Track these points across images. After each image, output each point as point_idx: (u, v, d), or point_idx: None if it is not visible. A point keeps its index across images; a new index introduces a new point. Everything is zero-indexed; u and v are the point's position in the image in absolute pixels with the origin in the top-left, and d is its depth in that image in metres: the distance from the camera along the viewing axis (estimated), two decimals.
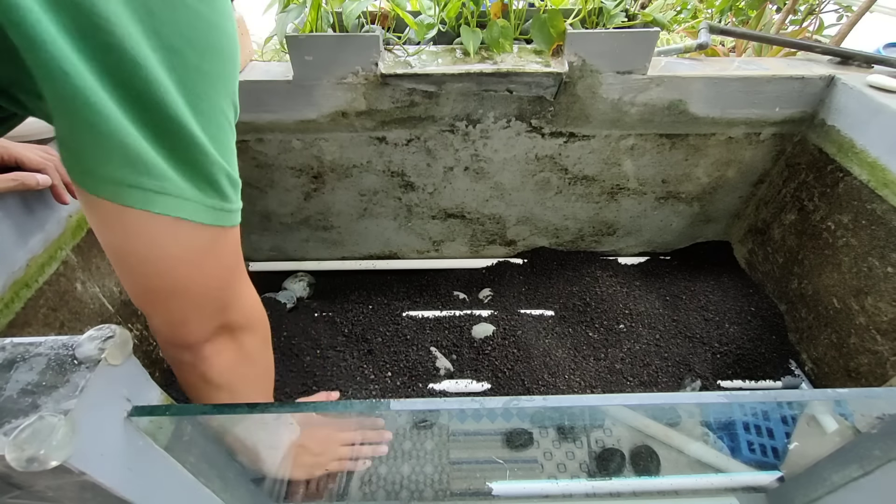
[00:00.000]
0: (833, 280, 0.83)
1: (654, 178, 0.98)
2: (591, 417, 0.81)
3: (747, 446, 0.76)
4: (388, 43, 0.82)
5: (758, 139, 0.90)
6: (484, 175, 0.97)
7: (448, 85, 0.81)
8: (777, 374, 0.88)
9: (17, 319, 0.58)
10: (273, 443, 0.63)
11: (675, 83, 0.82)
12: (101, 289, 0.73)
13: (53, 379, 0.35)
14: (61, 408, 0.34)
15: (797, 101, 0.85)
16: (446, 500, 0.73)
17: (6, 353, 0.37)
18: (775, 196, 0.97)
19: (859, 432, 0.56)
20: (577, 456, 0.78)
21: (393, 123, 0.87)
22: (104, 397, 0.38)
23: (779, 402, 0.50)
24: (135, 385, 0.42)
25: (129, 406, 0.41)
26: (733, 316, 0.95)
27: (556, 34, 0.79)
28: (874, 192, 0.74)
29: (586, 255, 1.11)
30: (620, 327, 0.93)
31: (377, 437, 0.73)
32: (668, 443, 0.77)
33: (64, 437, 0.32)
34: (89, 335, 0.38)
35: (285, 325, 0.94)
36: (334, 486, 0.74)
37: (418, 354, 0.89)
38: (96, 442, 0.37)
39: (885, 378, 0.74)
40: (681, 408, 0.70)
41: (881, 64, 0.85)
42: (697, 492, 0.74)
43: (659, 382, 0.84)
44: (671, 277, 1.05)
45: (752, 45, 1.15)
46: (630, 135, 0.90)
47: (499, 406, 0.44)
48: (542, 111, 0.86)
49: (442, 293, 1.03)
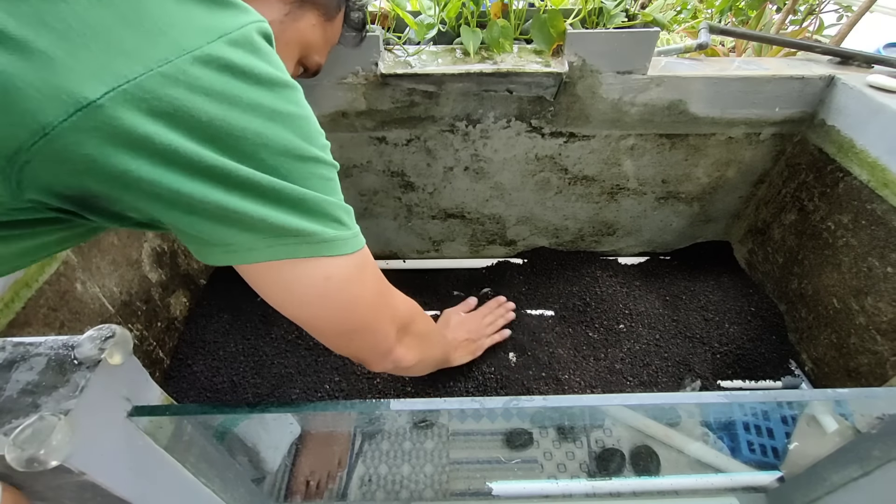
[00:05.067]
0: (833, 280, 0.83)
1: (654, 178, 0.98)
2: (591, 417, 0.81)
3: (747, 446, 0.76)
4: (388, 43, 0.82)
5: (758, 139, 0.90)
6: (484, 175, 0.97)
7: (448, 85, 0.81)
8: (777, 374, 0.88)
9: (17, 319, 0.58)
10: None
11: (675, 83, 0.82)
12: (101, 289, 0.73)
13: (53, 379, 0.35)
14: (61, 408, 0.34)
15: (797, 101, 0.85)
16: (446, 500, 0.73)
17: (6, 353, 0.37)
18: (775, 196, 0.97)
19: (859, 432, 0.56)
20: (577, 456, 0.78)
21: (393, 123, 0.87)
22: (104, 397, 0.38)
23: (779, 402, 0.51)
24: (135, 385, 0.42)
25: (129, 406, 0.41)
26: (733, 316, 0.95)
27: (556, 34, 0.79)
28: (874, 192, 0.74)
29: (586, 255, 1.11)
30: (620, 327, 0.93)
31: (505, 310, 0.92)
32: (668, 443, 0.77)
33: (64, 437, 0.32)
34: (89, 335, 0.38)
35: (284, 323, 0.94)
36: (334, 486, 0.74)
37: None
38: (96, 442, 0.37)
39: (885, 378, 0.74)
40: (681, 408, 0.70)
41: (881, 64, 0.85)
42: (697, 492, 0.74)
43: (659, 382, 0.84)
44: (671, 277, 1.05)
45: (752, 45, 1.15)
46: (630, 135, 0.90)
47: (499, 406, 0.44)
48: (542, 111, 0.86)
49: (442, 293, 1.03)
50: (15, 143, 0.26)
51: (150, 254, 0.87)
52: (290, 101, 0.32)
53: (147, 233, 0.86)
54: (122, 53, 0.26)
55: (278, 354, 0.89)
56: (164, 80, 0.26)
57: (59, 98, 0.25)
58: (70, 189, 0.28)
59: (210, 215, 0.30)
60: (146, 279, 0.85)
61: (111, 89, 0.25)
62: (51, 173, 0.27)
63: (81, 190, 0.28)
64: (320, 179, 0.35)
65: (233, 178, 0.29)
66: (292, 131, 0.32)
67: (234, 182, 0.29)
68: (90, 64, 0.26)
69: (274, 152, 0.31)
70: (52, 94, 0.25)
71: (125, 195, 0.28)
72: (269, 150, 0.30)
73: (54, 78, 0.25)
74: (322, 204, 0.35)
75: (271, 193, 0.31)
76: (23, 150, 0.26)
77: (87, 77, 0.25)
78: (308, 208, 0.33)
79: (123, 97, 0.26)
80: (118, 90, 0.26)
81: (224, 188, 0.29)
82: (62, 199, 0.29)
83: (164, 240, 0.91)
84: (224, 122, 0.28)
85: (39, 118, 0.25)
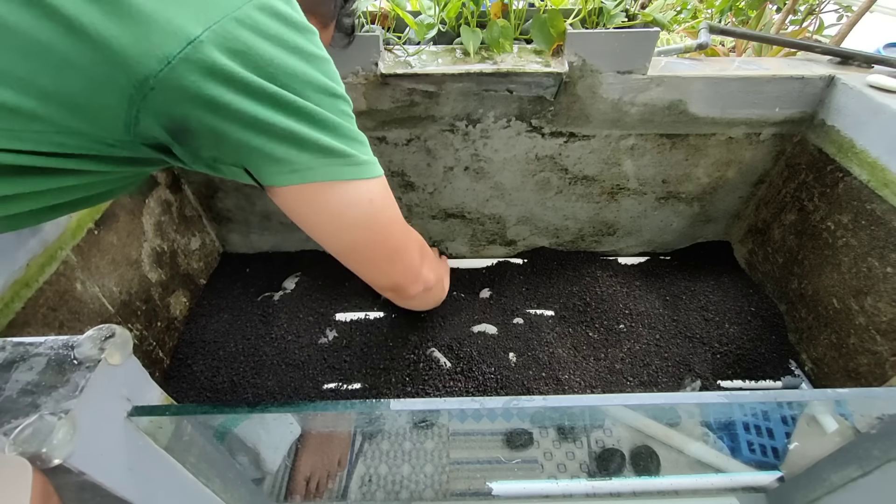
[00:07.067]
0: (833, 280, 0.83)
1: (655, 178, 0.98)
2: (591, 417, 0.81)
3: (747, 446, 0.76)
4: (388, 43, 0.82)
5: (758, 139, 0.90)
6: (484, 175, 0.97)
7: (448, 85, 0.81)
8: (777, 374, 0.88)
9: (17, 319, 0.58)
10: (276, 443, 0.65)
11: (675, 83, 0.82)
12: (101, 289, 0.73)
13: (53, 379, 0.35)
14: (61, 407, 0.34)
15: (797, 101, 0.85)
16: (446, 500, 0.73)
17: (6, 353, 0.37)
18: (775, 196, 0.97)
19: (859, 432, 0.56)
20: (577, 456, 0.78)
21: (393, 123, 0.87)
22: (104, 397, 0.38)
23: (779, 402, 0.51)
24: (135, 385, 0.42)
25: (129, 406, 0.41)
26: (733, 316, 0.95)
27: (556, 34, 0.79)
28: (874, 192, 0.74)
29: (586, 255, 1.11)
30: (620, 327, 0.93)
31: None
32: (668, 443, 0.78)
33: (64, 436, 0.32)
34: (89, 335, 0.38)
35: (284, 323, 0.94)
36: (334, 485, 0.74)
37: (418, 354, 0.89)
38: (96, 442, 0.37)
39: (884, 378, 0.74)
40: (681, 408, 0.70)
41: (881, 64, 0.85)
42: (697, 492, 0.74)
43: (659, 382, 0.84)
44: (671, 277, 1.05)
45: (752, 45, 1.15)
46: (630, 135, 0.90)
47: (499, 406, 0.44)
48: (542, 111, 0.86)
49: None
50: (145, 70, 0.30)
51: (150, 254, 0.87)
52: (318, 46, 0.38)
53: (147, 233, 0.85)
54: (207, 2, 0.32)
55: (278, 354, 0.89)
56: (236, 23, 0.32)
57: (176, 34, 0.30)
58: (172, 120, 0.33)
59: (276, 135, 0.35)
60: (146, 279, 0.85)
61: (205, 29, 0.31)
62: (165, 101, 0.32)
63: (182, 119, 0.33)
64: (346, 115, 0.41)
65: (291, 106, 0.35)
66: (323, 72, 0.38)
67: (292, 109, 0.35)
68: (189, 9, 0.31)
69: (314, 89, 0.37)
70: (172, 29, 0.30)
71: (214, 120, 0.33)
72: (312, 87, 0.36)
73: (173, 17, 0.31)
74: (353, 133, 0.41)
75: (319, 121, 0.37)
76: (150, 77, 0.30)
77: (190, 18, 0.31)
78: (344, 135, 0.39)
79: (211, 36, 0.31)
80: (209, 30, 0.31)
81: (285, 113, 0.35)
82: (163, 131, 0.34)
83: (163, 240, 0.91)
84: (280, 61, 0.34)
85: (165, 49, 0.30)
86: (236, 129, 0.34)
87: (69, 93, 0.31)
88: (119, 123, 0.33)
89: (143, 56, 0.30)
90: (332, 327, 0.95)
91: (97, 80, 0.30)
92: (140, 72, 0.30)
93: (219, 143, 0.35)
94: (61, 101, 0.31)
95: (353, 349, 0.91)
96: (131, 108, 0.32)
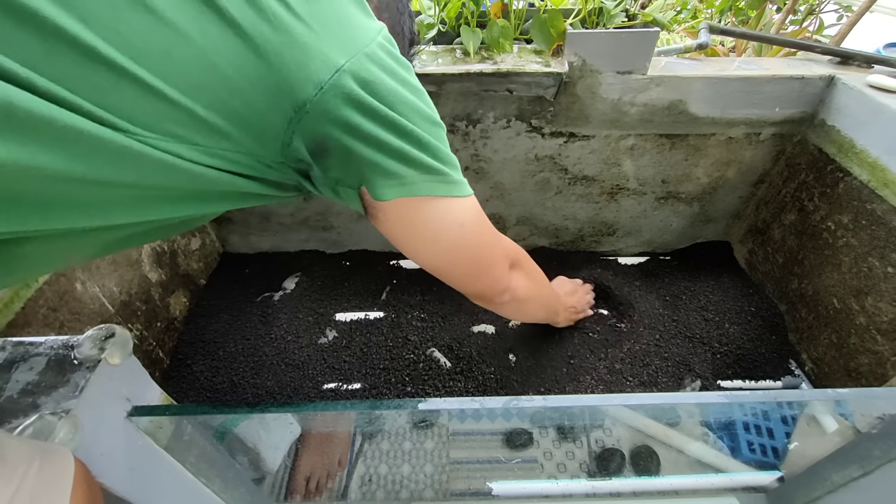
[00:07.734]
0: (833, 280, 0.83)
1: (654, 179, 0.98)
2: (591, 417, 0.81)
3: (747, 446, 0.76)
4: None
5: (758, 139, 0.90)
6: (484, 175, 0.97)
7: (448, 85, 0.81)
8: (777, 374, 0.88)
9: (17, 319, 0.58)
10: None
11: (675, 83, 0.82)
12: (101, 289, 0.73)
13: (54, 379, 0.35)
14: (62, 407, 0.34)
15: (797, 101, 0.85)
16: (446, 500, 0.73)
17: (6, 353, 0.37)
18: (775, 196, 0.97)
19: (859, 432, 0.56)
20: (577, 456, 0.78)
21: None
22: (104, 397, 0.38)
23: (779, 402, 0.51)
24: (135, 385, 0.42)
25: (129, 406, 0.41)
26: (733, 316, 0.95)
27: (556, 34, 0.79)
28: (874, 192, 0.74)
29: (586, 255, 1.11)
30: (620, 327, 0.93)
31: (587, 290, 0.99)
32: (668, 443, 0.77)
33: (64, 436, 0.32)
34: (89, 335, 0.38)
35: (284, 323, 0.94)
36: (334, 485, 0.74)
37: (418, 354, 0.89)
38: (96, 441, 0.37)
39: (885, 378, 0.74)
40: (681, 408, 0.70)
41: (881, 64, 0.85)
42: (697, 492, 0.74)
43: (659, 382, 0.84)
44: (671, 277, 1.05)
45: (752, 45, 1.15)
46: (630, 135, 0.90)
47: (499, 406, 0.44)
48: (542, 111, 0.86)
49: (443, 293, 1.03)
50: (304, 94, 0.34)
51: (150, 254, 0.87)
52: (416, 78, 0.43)
53: None
54: (346, 38, 0.36)
55: (278, 354, 0.89)
56: (366, 58, 0.37)
57: (326, 63, 0.35)
58: (314, 140, 0.37)
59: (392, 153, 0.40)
60: (146, 279, 0.85)
61: (347, 60, 0.35)
62: (314, 123, 0.36)
63: (322, 139, 0.37)
64: (444, 140, 0.45)
65: (404, 130, 0.40)
66: (425, 104, 0.43)
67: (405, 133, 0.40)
68: (337, 41, 0.36)
69: (421, 117, 0.42)
70: (324, 59, 0.34)
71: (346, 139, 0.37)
72: (419, 116, 0.41)
73: (326, 48, 0.35)
74: (449, 157, 0.46)
75: (423, 144, 0.42)
76: (308, 101, 0.34)
77: (337, 50, 0.35)
78: (442, 157, 0.44)
79: (350, 66, 0.35)
80: (349, 62, 0.35)
81: (399, 136, 0.40)
82: (306, 152, 0.37)
83: (163, 240, 0.91)
84: (397, 92, 0.39)
85: (319, 76, 0.34)
86: (362, 147, 0.39)
87: (250, 113, 0.34)
88: (278, 144, 0.36)
89: (304, 81, 0.34)
90: (331, 327, 0.95)
91: (271, 102, 0.34)
92: (301, 96, 0.34)
93: (347, 161, 0.39)
94: (243, 121, 0.34)
95: (353, 349, 0.91)
96: (288, 130, 0.36)
